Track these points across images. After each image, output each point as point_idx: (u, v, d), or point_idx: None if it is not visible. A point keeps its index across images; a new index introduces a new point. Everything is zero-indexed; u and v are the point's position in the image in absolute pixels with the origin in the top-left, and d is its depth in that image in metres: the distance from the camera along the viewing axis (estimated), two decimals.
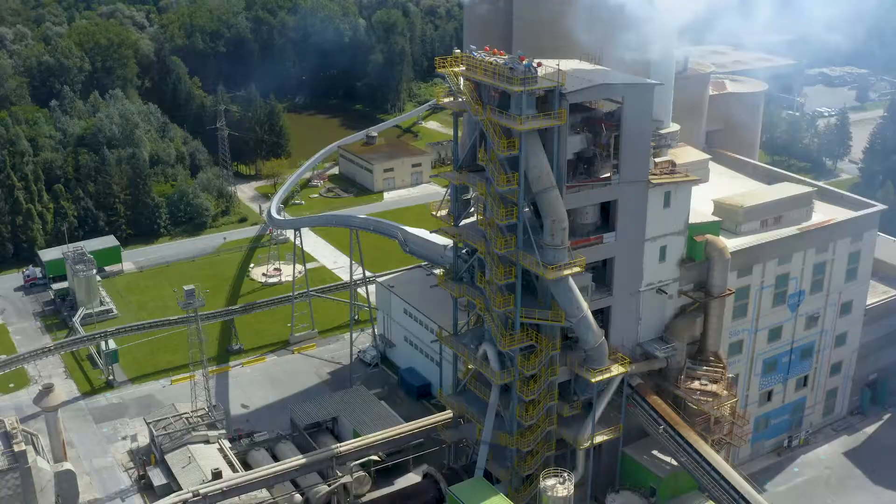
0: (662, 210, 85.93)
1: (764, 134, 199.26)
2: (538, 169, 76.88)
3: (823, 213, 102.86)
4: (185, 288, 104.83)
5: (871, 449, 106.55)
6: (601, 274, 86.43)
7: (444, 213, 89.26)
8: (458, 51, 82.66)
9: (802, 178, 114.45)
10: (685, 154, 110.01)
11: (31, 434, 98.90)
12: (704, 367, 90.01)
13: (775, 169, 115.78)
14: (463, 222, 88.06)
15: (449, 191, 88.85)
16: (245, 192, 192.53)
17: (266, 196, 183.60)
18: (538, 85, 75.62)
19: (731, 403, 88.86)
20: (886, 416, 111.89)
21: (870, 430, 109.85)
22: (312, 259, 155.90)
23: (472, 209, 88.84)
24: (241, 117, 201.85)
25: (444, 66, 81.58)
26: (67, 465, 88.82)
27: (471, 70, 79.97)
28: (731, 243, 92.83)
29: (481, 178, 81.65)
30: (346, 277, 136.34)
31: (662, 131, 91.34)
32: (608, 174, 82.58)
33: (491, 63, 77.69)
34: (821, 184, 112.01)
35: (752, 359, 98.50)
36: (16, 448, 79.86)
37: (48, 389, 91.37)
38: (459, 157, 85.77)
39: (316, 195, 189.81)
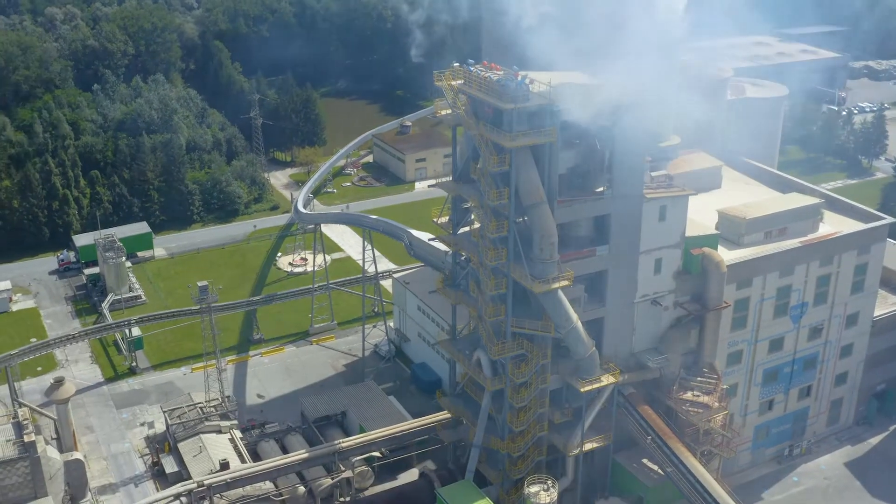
0: (657, 223, 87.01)
1: (800, 130, 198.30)
2: (528, 184, 78.50)
3: (832, 225, 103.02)
4: (199, 284, 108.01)
5: (874, 460, 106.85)
6: (597, 284, 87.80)
7: (444, 219, 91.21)
8: (457, 64, 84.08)
9: (814, 186, 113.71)
10: (698, 160, 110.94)
11: (51, 418, 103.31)
12: (698, 379, 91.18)
13: (789, 177, 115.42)
14: (462, 230, 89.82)
15: (449, 198, 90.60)
16: (279, 178, 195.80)
17: (299, 183, 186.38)
18: (529, 102, 77.03)
19: (722, 416, 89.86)
20: (893, 427, 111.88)
21: (874, 440, 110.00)
22: (339, 249, 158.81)
23: (472, 217, 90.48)
24: (278, 105, 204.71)
25: (441, 80, 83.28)
26: (77, 455, 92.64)
27: (467, 84, 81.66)
28: (731, 256, 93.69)
29: (476, 191, 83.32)
30: (369, 269, 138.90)
31: (662, 144, 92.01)
32: (603, 188, 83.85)
33: (485, 79, 79.25)
34: (831, 193, 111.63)
35: (752, 369, 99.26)
36: (26, 439, 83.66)
37: (59, 383, 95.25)
38: (458, 167, 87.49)
39: (348, 184, 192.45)
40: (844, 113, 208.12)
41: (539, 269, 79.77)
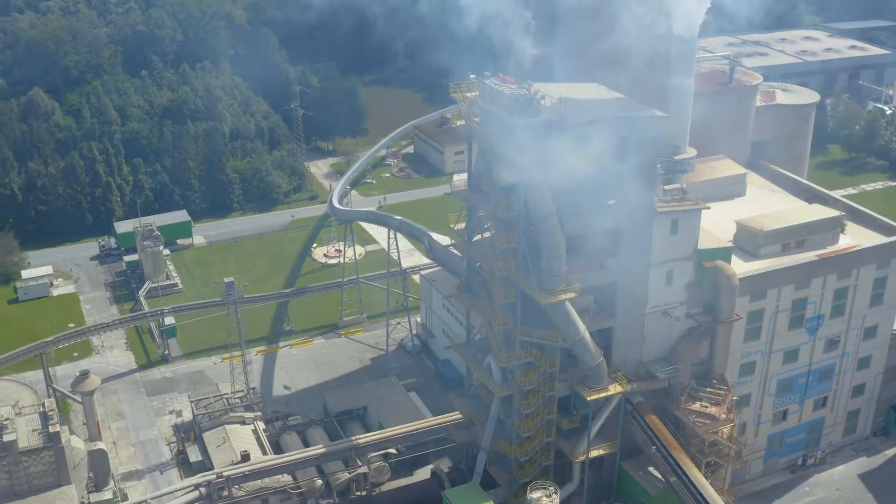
0: (669, 237, 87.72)
1: (842, 129, 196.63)
2: (537, 198, 79.74)
3: (853, 237, 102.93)
4: (226, 280, 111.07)
5: (888, 472, 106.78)
6: (607, 294, 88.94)
7: (461, 226, 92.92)
8: (473, 76, 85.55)
9: (837, 196, 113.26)
10: (723, 168, 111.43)
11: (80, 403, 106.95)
12: (707, 389, 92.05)
13: (815, 186, 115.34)
14: (477, 238, 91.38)
15: (465, 206, 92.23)
16: (320, 168, 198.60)
17: (339, 174, 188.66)
18: (539, 117, 78.28)
19: (729, 428, 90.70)
20: None
21: (890, 452, 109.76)
22: (374, 241, 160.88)
23: (488, 225, 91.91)
24: (321, 95, 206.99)
25: (456, 91, 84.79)
26: (101, 445, 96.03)
27: (481, 97, 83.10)
28: (745, 268, 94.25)
29: (488, 201, 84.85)
30: (403, 262, 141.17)
31: (677, 157, 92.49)
32: (613, 201, 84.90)
33: (497, 93, 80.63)
34: (855, 205, 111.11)
35: (766, 379, 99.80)
36: (51, 429, 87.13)
37: (84, 375, 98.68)
38: (472, 177, 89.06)
39: (387, 175, 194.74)
40: (889, 112, 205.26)
41: (547, 281, 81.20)
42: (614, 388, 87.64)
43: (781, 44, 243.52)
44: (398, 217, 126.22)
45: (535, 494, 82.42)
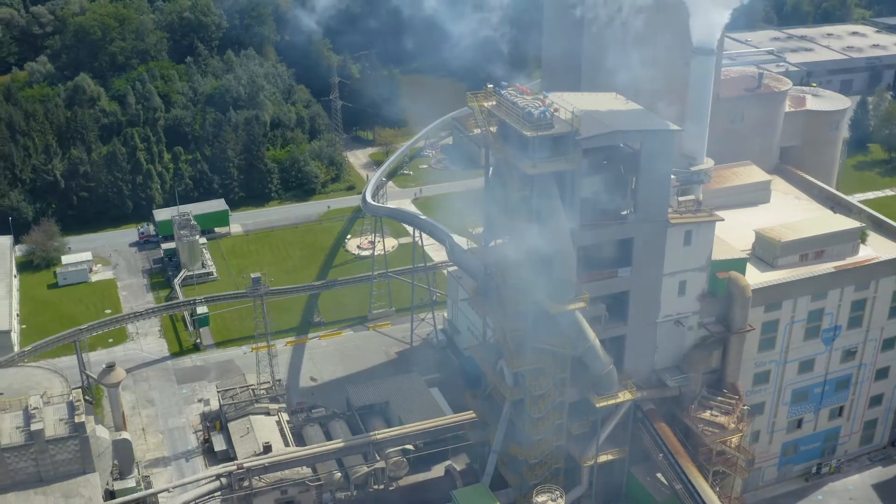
0: (682, 248, 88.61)
1: (884, 128, 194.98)
2: (549, 209, 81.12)
3: (875, 248, 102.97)
4: (252, 276, 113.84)
5: None
6: (619, 302, 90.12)
7: (480, 230, 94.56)
8: (491, 86, 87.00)
9: (861, 206, 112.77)
10: (748, 174, 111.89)
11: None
12: (718, 398, 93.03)
13: (840, 194, 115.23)
14: (492, 243, 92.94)
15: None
16: (359, 157, 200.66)
17: (377, 164, 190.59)
18: (552, 130, 79.58)
19: (738, 437, 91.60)
20: None
21: None
22: (407, 234, 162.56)
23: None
24: (361, 85, 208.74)
25: (474, 101, 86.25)
26: (125, 435, 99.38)
27: (497, 108, 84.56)
28: (760, 279, 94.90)
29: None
30: (435, 256, 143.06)
31: (694, 168, 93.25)
32: (627, 211, 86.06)
33: (512, 104, 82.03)
34: (880, 215, 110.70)
35: (780, 388, 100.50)
36: (77, 419, 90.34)
37: (110, 368, 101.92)
38: (489, 183, 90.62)
39: (425, 166, 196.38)
40: None
41: (557, 290, 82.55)
42: (624, 396, 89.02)
43: (827, 39, 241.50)
44: (423, 217, 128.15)
45: (541, 498, 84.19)
